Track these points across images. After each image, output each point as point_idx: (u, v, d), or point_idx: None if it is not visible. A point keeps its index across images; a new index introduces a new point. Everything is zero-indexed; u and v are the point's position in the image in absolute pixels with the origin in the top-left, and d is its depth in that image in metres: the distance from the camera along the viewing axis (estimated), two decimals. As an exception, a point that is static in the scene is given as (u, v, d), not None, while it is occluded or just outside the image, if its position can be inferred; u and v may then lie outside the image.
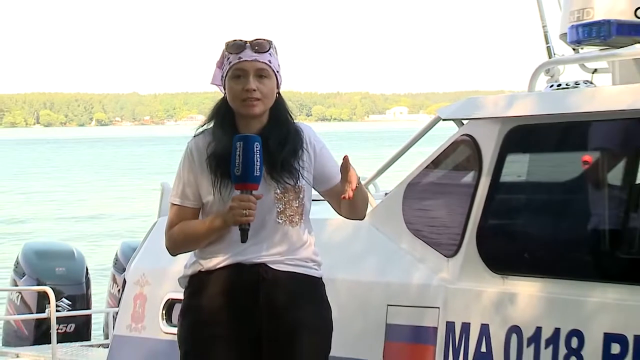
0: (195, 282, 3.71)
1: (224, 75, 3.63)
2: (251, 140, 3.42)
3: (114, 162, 71.79)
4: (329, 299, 3.77)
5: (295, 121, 3.76)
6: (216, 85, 3.70)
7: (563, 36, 4.65)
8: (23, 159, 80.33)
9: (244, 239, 3.45)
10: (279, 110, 3.69)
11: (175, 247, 3.74)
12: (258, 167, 3.40)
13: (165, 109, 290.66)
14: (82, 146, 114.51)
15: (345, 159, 3.45)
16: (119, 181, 47.50)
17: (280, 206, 3.61)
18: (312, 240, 3.72)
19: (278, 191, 3.60)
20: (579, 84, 4.59)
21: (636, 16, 4.41)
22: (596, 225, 4.44)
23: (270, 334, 3.60)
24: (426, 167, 4.74)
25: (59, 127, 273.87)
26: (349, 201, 3.52)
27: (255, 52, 3.57)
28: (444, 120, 4.71)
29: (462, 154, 4.62)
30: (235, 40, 3.62)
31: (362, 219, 3.87)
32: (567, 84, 4.59)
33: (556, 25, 4.78)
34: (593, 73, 4.85)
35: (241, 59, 3.56)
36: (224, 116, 3.67)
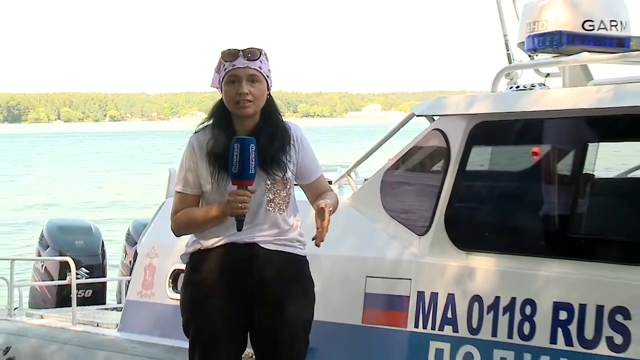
0: (196, 259, 3.70)
1: (221, 79, 3.60)
2: (247, 142, 3.41)
3: (126, 153, 71.48)
4: (314, 272, 3.76)
5: (284, 119, 3.75)
6: (215, 88, 3.68)
7: (521, 44, 4.64)
8: (45, 151, 79.85)
9: (239, 228, 3.48)
10: (269, 110, 3.67)
11: (179, 230, 3.75)
12: (253, 166, 3.41)
13: (170, 106, 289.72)
14: (98, 139, 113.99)
15: (322, 209, 3.50)
16: (130, 169, 47.30)
17: (270, 195, 3.60)
18: (297, 224, 3.70)
19: (268, 182, 3.59)
20: (534, 86, 4.59)
21: (583, 28, 4.40)
22: (546, 209, 4.45)
23: (261, 304, 3.59)
24: (401, 157, 4.73)
25: (77, 122, 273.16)
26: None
27: (247, 60, 3.55)
28: (417, 116, 4.69)
29: (433, 146, 4.60)
30: (229, 49, 3.60)
31: None
32: (524, 86, 4.60)
33: (515, 35, 4.77)
34: (546, 77, 4.84)
35: (235, 66, 3.54)
36: (221, 116, 3.65)
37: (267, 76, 3.61)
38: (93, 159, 66.84)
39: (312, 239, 3.50)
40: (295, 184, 3.75)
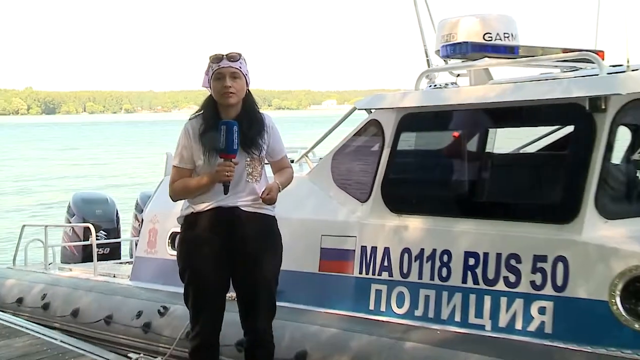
0: (189, 220, 3.65)
1: (210, 78, 3.55)
2: (231, 124, 3.41)
3: (137, 138, 70.83)
4: (282, 231, 3.72)
5: (260, 111, 3.70)
6: (205, 87, 3.62)
7: (437, 52, 4.62)
8: (74, 137, 79.09)
9: (225, 192, 3.45)
10: (248, 102, 3.62)
11: (176, 196, 3.69)
12: (236, 142, 3.40)
13: (172, 101, 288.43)
14: (115, 127, 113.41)
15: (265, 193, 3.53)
16: (139, 151, 46.89)
17: (249, 169, 3.57)
18: None
19: (248, 159, 3.55)
20: (447, 85, 4.58)
21: (484, 39, 4.38)
22: (458, 179, 4.47)
23: (242, 255, 3.55)
24: (347, 141, 4.69)
25: (98, 114, 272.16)
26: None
27: (230, 61, 3.50)
28: (358, 109, 4.66)
29: (371, 132, 4.55)
30: (216, 54, 3.54)
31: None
32: (440, 85, 4.59)
33: (433, 44, 4.73)
34: (457, 77, 4.83)
35: (220, 66, 3.49)
36: (211, 107, 3.60)
37: (246, 74, 3.57)
38: (110, 141, 66.43)
39: (260, 197, 3.53)
40: (265, 163, 3.72)
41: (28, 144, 63.17)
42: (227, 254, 3.55)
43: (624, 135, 3.98)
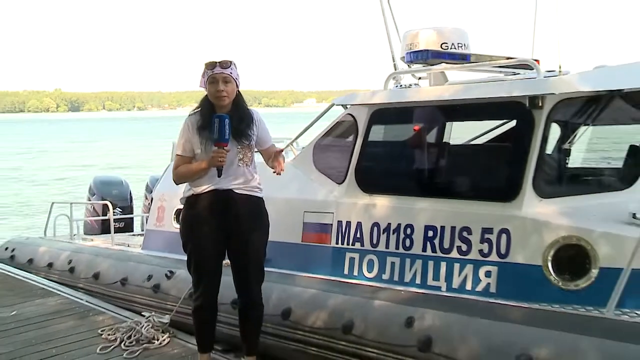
0: (191, 200, 3.61)
1: (205, 82, 3.52)
2: (223, 117, 3.40)
3: (147, 131, 70.34)
4: (270, 208, 3.70)
5: (249, 107, 3.67)
6: (202, 87, 3.58)
7: (402, 58, 4.58)
8: (95, 131, 78.49)
9: (219, 174, 3.43)
10: (239, 101, 3.59)
11: (179, 179, 3.64)
12: (227, 133, 3.38)
13: (177, 100, 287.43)
14: (129, 123, 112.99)
15: (277, 153, 3.55)
16: (150, 142, 46.54)
17: (240, 156, 3.54)
18: (257, 176, 3.63)
19: (239, 147, 3.52)
20: (411, 85, 4.56)
21: (441, 48, 4.35)
22: (420, 165, 4.45)
23: (235, 231, 3.54)
24: (326, 132, 4.64)
25: (115, 111, 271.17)
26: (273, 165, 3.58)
27: (222, 68, 3.48)
28: (336, 105, 4.61)
29: (346, 125, 4.50)
30: (210, 61, 3.52)
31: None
32: (405, 85, 4.56)
33: (399, 51, 4.68)
34: (419, 79, 4.80)
35: (214, 72, 3.47)
36: (207, 105, 3.57)
37: (236, 78, 3.53)
38: (126, 134, 66.14)
39: (273, 172, 3.52)
40: (255, 151, 3.67)
41: (57, 137, 62.90)
42: (223, 229, 3.53)
43: (555, 129, 3.98)
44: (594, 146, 4.25)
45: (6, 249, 7.38)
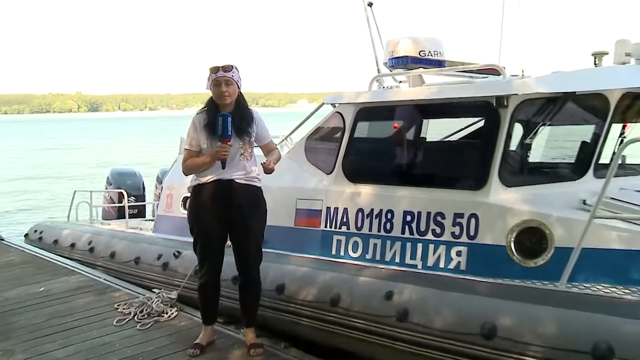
0: (196, 189, 3.59)
1: (210, 84, 3.50)
2: (226, 116, 3.38)
3: (157, 129, 69.89)
4: (267, 196, 3.69)
5: (250, 107, 3.64)
6: (207, 89, 3.56)
7: (385, 63, 4.54)
8: (112, 129, 78.01)
9: (223, 167, 3.42)
10: (240, 101, 3.57)
11: (187, 171, 3.62)
12: (230, 129, 3.36)
13: (184, 101, 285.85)
14: (142, 122, 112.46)
15: (267, 165, 3.50)
16: (159, 138, 46.26)
17: (241, 150, 3.52)
18: (255, 168, 3.61)
19: (240, 143, 3.50)
20: (392, 87, 4.53)
21: (419, 55, 4.32)
22: (400, 158, 4.43)
23: (236, 217, 3.52)
24: (316, 129, 4.62)
25: (129, 111, 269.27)
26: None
27: (224, 72, 3.46)
28: (325, 104, 4.59)
29: (335, 122, 4.47)
30: (215, 66, 3.50)
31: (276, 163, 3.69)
32: (387, 87, 4.54)
33: (382, 57, 4.65)
34: (399, 82, 4.78)
35: (217, 76, 3.46)
36: (212, 105, 3.55)
37: (237, 81, 3.50)
38: (139, 131, 65.83)
39: (264, 169, 3.49)
40: (255, 146, 3.66)
41: (79, 135, 62.57)
42: (225, 215, 3.50)
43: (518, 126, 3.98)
44: (551, 142, 4.26)
45: (35, 231, 7.45)
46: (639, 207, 3.37)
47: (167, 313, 4.28)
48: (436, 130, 4.77)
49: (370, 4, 4.79)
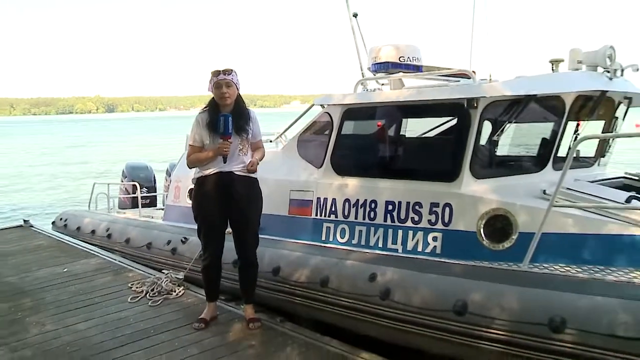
0: (200, 181, 3.54)
1: (212, 86, 3.45)
2: (227, 116, 3.34)
3: (167, 128, 69.51)
4: (263, 187, 3.64)
5: (247, 108, 3.59)
6: (210, 91, 3.51)
7: (369, 68, 4.49)
8: (126, 128, 77.52)
9: (224, 161, 3.39)
10: (239, 102, 3.51)
11: (191, 164, 3.58)
12: (230, 127, 3.33)
13: (190, 102, 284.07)
14: (153, 121, 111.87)
15: (249, 166, 3.45)
16: (168, 136, 45.96)
17: (240, 146, 3.48)
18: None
19: (239, 139, 3.46)
20: (375, 89, 4.47)
21: (399, 60, 4.26)
22: (382, 153, 4.37)
23: (235, 206, 3.48)
24: (307, 127, 4.56)
25: (142, 112, 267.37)
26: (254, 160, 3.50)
27: (225, 75, 3.42)
28: (315, 105, 4.53)
29: (324, 122, 4.42)
30: (216, 69, 3.45)
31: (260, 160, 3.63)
32: (370, 89, 4.49)
33: (365, 62, 4.59)
34: (382, 85, 4.73)
35: (218, 79, 3.41)
36: (213, 105, 3.50)
37: (236, 83, 3.46)
38: (150, 130, 65.48)
39: (248, 170, 3.46)
40: None
41: (98, 134, 62.07)
42: (226, 204, 3.47)
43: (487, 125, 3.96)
44: (516, 139, 4.24)
45: (61, 219, 7.43)
46: (591, 196, 3.37)
47: (175, 291, 4.26)
48: (414, 128, 4.73)
49: (355, 15, 4.73)
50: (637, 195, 3.36)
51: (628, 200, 3.28)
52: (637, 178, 4.02)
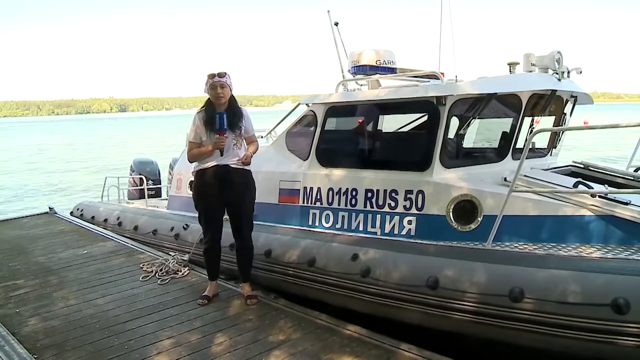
0: (199, 173, 3.45)
1: (208, 88, 3.35)
2: (222, 114, 3.27)
3: (172, 126, 68.63)
4: (255, 178, 3.56)
5: (240, 107, 3.48)
6: (205, 93, 3.40)
7: (349, 70, 4.38)
8: (136, 126, 76.40)
9: (221, 154, 3.31)
10: (232, 102, 3.42)
11: (191, 159, 3.48)
12: (225, 124, 3.25)
13: (194, 102, 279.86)
14: (160, 119, 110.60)
15: (244, 159, 3.36)
16: (172, 133, 45.35)
17: (234, 141, 3.39)
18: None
19: (233, 135, 3.37)
20: (355, 89, 4.37)
21: (376, 64, 4.16)
22: (362, 146, 4.25)
23: (232, 195, 3.40)
24: (294, 124, 4.45)
25: (150, 111, 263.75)
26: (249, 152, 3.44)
27: (219, 77, 3.32)
28: (301, 104, 4.41)
29: (309, 119, 4.32)
30: (211, 72, 3.35)
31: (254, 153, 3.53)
32: (351, 89, 4.38)
33: (346, 65, 4.46)
34: (361, 86, 4.61)
35: (213, 81, 3.32)
36: (209, 105, 3.40)
37: (230, 84, 3.37)
38: (157, 127, 64.78)
39: (242, 163, 3.38)
40: None
41: (111, 132, 61.25)
42: (223, 194, 3.39)
43: (454, 120, 3.89)
44: (480, 132, 4.19)
45: (77, 209, 7.28)
46: (545, 182, 3.35)
47: (181, 271, 4.20)
48: (390, 123, 4.63)
49: (336, 24, 4.60)
50: (582, 180, 3.37)
51: (575, 185, 3.28)
52: (582, 166, 4.01)
